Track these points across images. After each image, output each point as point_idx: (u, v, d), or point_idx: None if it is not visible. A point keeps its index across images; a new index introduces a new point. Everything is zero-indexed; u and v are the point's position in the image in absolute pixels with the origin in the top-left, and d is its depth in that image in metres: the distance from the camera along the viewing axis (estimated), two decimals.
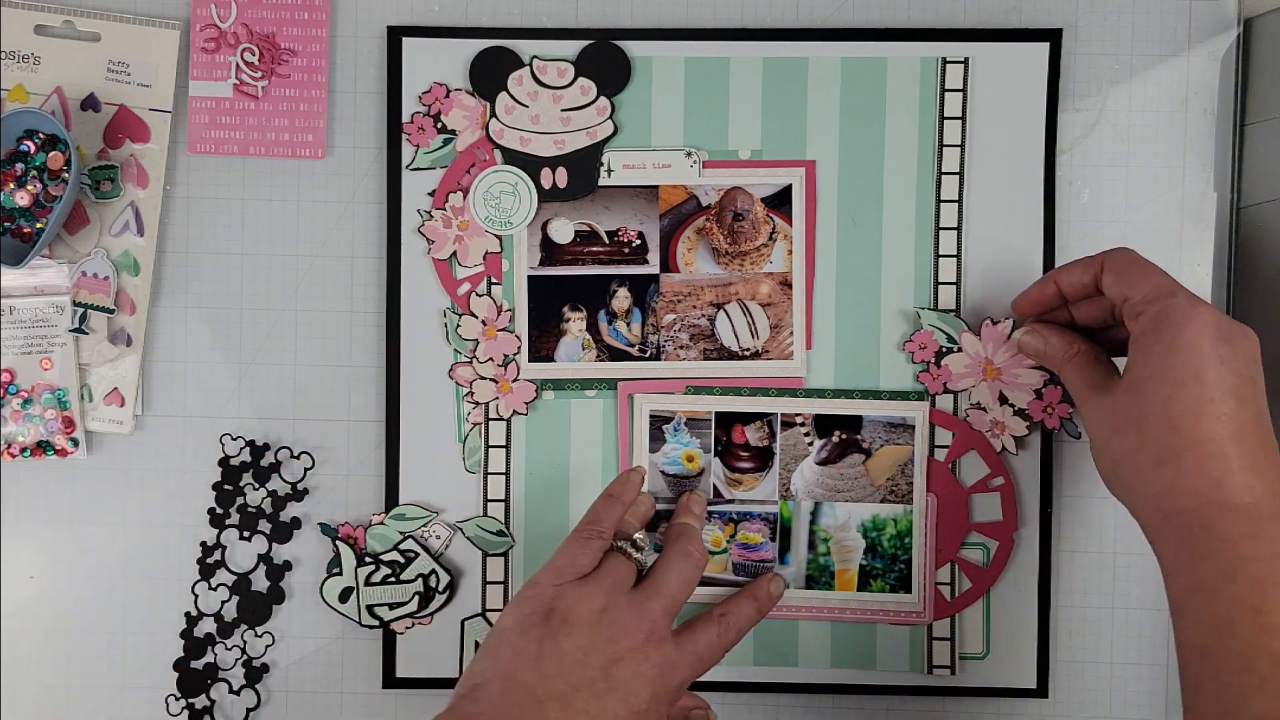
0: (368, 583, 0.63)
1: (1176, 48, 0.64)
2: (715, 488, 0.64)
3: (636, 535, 0.60)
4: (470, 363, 0.64)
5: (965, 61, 0.63)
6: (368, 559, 0.63)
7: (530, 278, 0.64)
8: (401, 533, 0.64)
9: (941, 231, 0.64)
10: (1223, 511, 0.50)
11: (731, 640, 0.59)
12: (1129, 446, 0.53)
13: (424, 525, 0.64)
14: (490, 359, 0.64)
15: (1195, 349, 0.51)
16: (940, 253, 0.64)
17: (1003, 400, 0.63)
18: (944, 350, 0.63)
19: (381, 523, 0.64)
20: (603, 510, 0.60)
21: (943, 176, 0.64)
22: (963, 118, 0.63)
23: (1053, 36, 0.63)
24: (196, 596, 0.64)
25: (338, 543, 0.63)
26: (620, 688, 0.53)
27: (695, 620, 0.59)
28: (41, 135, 0.61)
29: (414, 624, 0.64)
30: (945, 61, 0.63)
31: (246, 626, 0.64)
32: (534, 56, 0.63)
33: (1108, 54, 0.64)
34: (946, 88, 0.63)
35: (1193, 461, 0.51)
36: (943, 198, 0.64)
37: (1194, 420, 0.51)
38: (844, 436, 0.63)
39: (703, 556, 0.59)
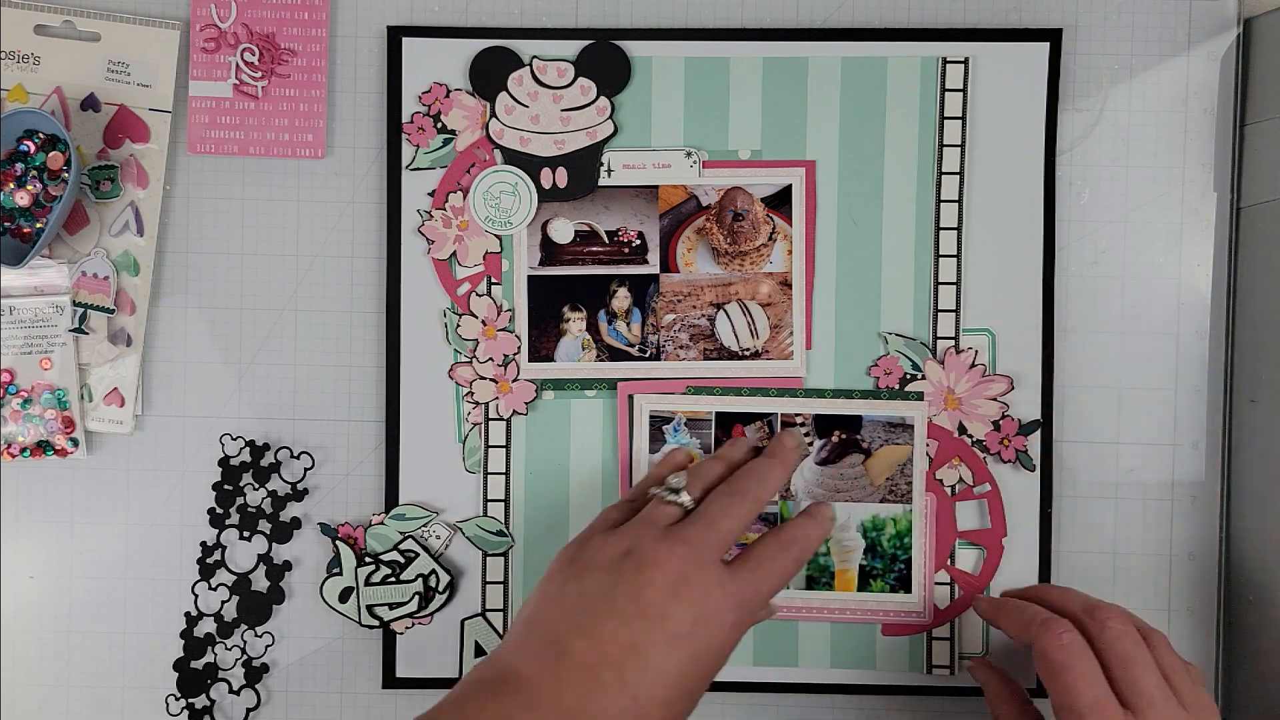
0: (368, 583, 0.63)
1: (1176, 48, 0.64)
2: None
3: (672, 478, 0.57)
4: (470, 363, 0.64)
5: (965, 61, 0.63)
6: (368, 559, 0.63)
7: (530, 278, 0.64)
8: (401, 533, 0.64)
9: (941, 231, 0.64)
10: None
11: (799, 562, 0.56)
12: None
13: (424, 525, 0.64)
14: (490, 359, 0.64)
15: None
16: (940, 253, 0.64)
17: (961, 431, 0.63)
18: (908, 377, 0.63)
19: (381, 523, 0.64)
20: (643, 479, 0.61)
21: (943, 176, 0.64)
22: (963, 118, 0.63)
23: (1053, 36, 0.63)
24: (196, 596, 0.64)
25: (338, 543, 0.63)
26: (653, 613, 0.51)
27: (754, 545, 0.56)
28: (41, 135, 0.61)
29: (414, 624, 0.64)
30: (945, 61, 0.63)
31: (246, 626, 0.64)
32: (534, 56, 0.63)
33: (1108, 54, 0.64)
34: (947, 88, 0.63)
35: None
36: (943, 198, 0.64)
37: None
38: (843, 436, 0.63)
39: (762, 494, 0.56)
